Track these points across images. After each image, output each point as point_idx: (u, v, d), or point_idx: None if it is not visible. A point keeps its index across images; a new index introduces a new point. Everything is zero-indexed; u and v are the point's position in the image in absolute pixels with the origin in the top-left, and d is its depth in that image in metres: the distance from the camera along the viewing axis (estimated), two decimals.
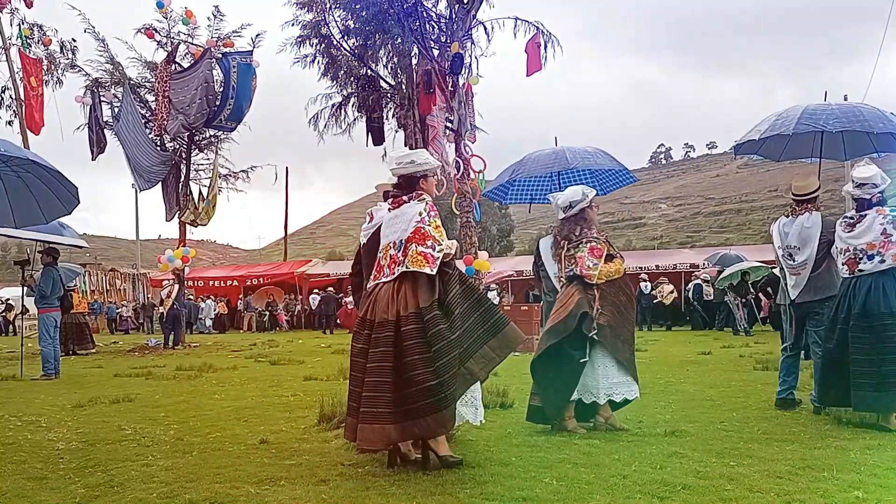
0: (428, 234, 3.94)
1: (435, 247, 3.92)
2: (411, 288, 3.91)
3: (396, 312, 3.87)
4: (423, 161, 4.18)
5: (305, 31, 15.78)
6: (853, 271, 4.98)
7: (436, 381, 3.68)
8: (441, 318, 3.82)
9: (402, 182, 4.20)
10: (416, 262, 3.89)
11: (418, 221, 3.98)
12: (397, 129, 15.77)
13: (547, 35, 14.13)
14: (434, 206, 4.10)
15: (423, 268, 3.87)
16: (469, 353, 3.87)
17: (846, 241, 5.05)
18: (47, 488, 3.67)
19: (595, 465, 3.88)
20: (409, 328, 3.80)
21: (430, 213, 4.01)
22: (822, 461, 3.86)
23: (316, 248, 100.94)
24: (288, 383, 8.23)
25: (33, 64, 17.96)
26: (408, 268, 3.90)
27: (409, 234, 3.96)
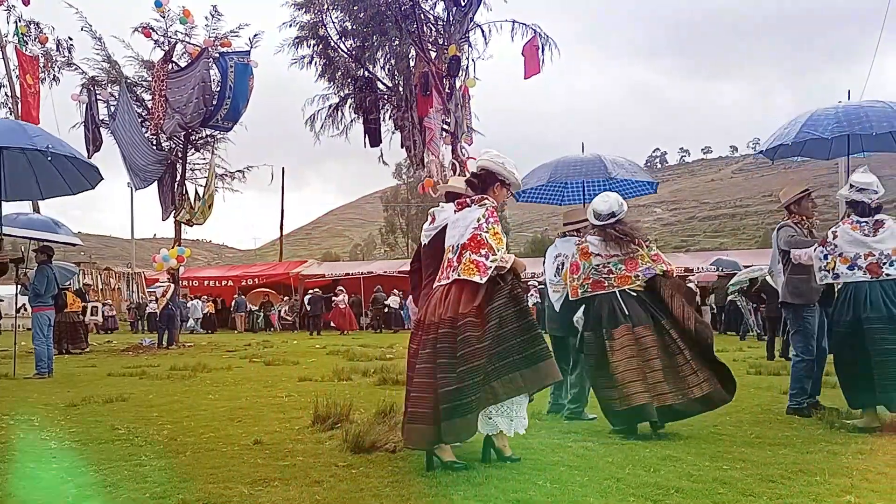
0: (483, 242, 3.95)
1: (489, 256, 3.92)
2: (458, 294, 3.95)
3: (440, 316, 3.92)
4: (511, 169, 4.20)
5: (303, 32, 15.79)
6: (878, 275, 4.94)
7: (455, 387, 3.72)
8: (473, 325, 3.83)
9: (478, 177, 4.20)
10: (468, 269, 3.92)
11: (475, 228, 3.99)
12: (394, 130, 15.78)
13: (544, 38, 14.16)
14: (495, 212, 4.11)
15: (473, 276, 3.89)
16: (498, 374, 3.86)
17: (869, 245, 5.00)
18: (39, 488, 3.65)
19: (589, 467, 3.89)
20: (444, 332, 3.86)
21: (488, 220, 4.02)
22: (814, 465, 3.88)
23: (311, 248, 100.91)
24: (282, 384, 8.22)
25: (30, 61, 17.93)
26: (459, 275, 3.94)
27: (465, 241, 3.98)
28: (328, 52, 15.84)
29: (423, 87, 13.73)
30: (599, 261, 5.12)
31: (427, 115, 13.71)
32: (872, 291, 4.95)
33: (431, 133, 13.70)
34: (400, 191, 54.60)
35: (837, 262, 5.09)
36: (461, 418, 3.70)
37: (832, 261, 5.13)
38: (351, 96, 16.18)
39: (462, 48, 14.12)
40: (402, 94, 15.11)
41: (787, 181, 5.93)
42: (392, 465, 3.97)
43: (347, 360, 11.41)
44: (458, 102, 14.09)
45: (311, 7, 15.53)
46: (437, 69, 13.80)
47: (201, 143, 18.50)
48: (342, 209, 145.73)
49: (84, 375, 9.86)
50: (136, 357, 13.30)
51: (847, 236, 5.09)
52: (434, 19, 14.50)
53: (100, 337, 21.08)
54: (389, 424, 4.72)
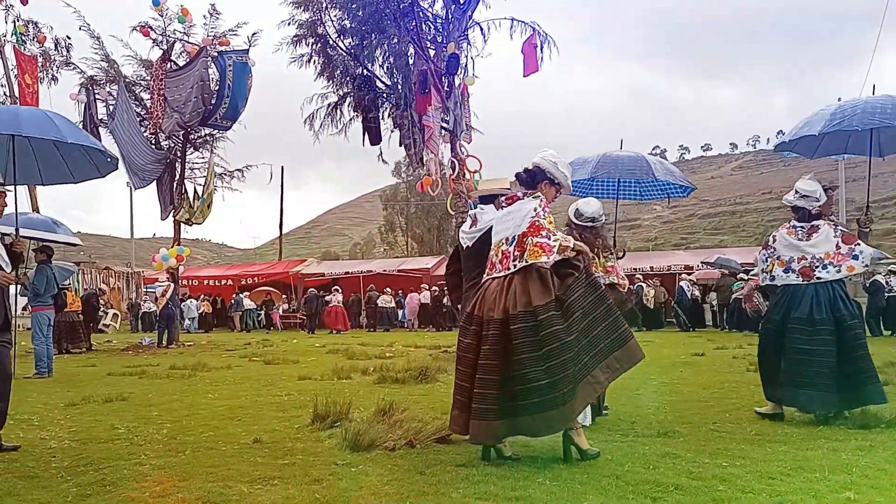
0: (542, 226, 3.99)
1: (550, 236, 3.96)
2: (522, 285, 3.93)
3: (505, 310, 3.90)
4: (563, 170, 4.26)
5: (302, 31, 15.77)
6: (809, 278, 5.26)
7: (546, 382, 3.73)
8: (558, 318, 3.83)
9: (529, 172, 4.24)
10: (534, 253, 3.93)
11: (533, 217, 4.02)
12: (393, 128, 15.76)
13: (543, 36, 14.14)
14: (548, 205, 4.15)
15: (540, 257, 3.90)
16: (597, 361, 3.91)
17: (802, 249, 5.32)
18: (39, 487, 3.66)
19: (588, 465, 3.89)
20: (518, 326, 3.82)
21: (544, 209, 4.07)
22: (813, 462, 3.88)
23: (311, 247, 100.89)
24: (282, 383, 8.22)
25: (28, 61, 17.90)
26: (526, 261, 3.94)
27: (525, 230, 4.00)
28: (327, 51, 15.81)
29: (422, 85, 13.72)
30: None
31: (426, 113, 13.69)
32: (804, 294, 5.23)
33: (430, 131, 13.68)
34: (399, 189, 54.57)
35: (775, 265, 5.40)
36: (557, 410, 3.73)
37: (770, 263, 5.45)
38: (350, 95, 16.16)
39: (461, 46, 14.10)
40: (400, 93, 15.09)
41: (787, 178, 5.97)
42: (391, 464, 3.98)
43: (347, 358, 11.41)
44: (457, 100, 14.08)
45: (309, 5, 15.51)
46: (436, 67, 13.79)
47: (200, 142, 18.49)
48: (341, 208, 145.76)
49: (84, 375, 9.86)
50: (136, 356, 13.30)
51: (784, 241, 5.41)
52: (433, 17, 14.48)
53: (99, 336, 21.07)
54: (389, 423, 4.73)
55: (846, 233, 5.30)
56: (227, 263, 58.35)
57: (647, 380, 7.81)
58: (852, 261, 5.19)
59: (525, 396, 3.75)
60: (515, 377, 3.79)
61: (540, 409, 3.73)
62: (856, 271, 5.20)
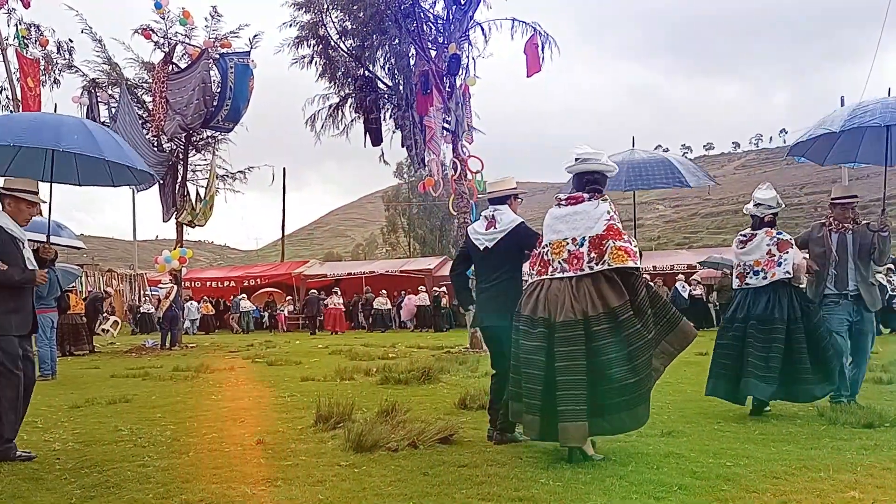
0: (621, 231, 4.03)
1: (631, 241, 4.02)
2: (595, 287, 3.97)
3: (583, 312, 3.93)
4: (613, 167, 4.34)
5: (303, 32, 15.75)
6: (742, 283, 5.75)
7: (634, 380, 3.83)
8: (635, 317, 3.91)
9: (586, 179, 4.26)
10: (619, 257, 3.95)
11: (608, 220, 4.05)
12: (395, 129, 15.75)
13: (544, 36, 14.12)
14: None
15: (626, 262, 3.94)
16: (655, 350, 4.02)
17: (737, 257, 5.80)
18: (43, 489, 3.66)
19: (592, 465, 3.88)
20: (602, 328, 3.88)
21: (616, 213, 4.11)
22: (818, 461, 3.87)
23: (313, 248, 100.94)
24: (285, 384, 8.22)
25: (30, 64, 17.94)
26: (609, 264, 3.96)
27: (602, 232, 4.02)
28: (328, 52, 15.81)
29: (424, 85, 13.71)
30: None
31: (427, 113, 13.69)
32: (743, 297, 5.73)
33: (432, 132, 13.67)
34: (401, 190, 54.57)
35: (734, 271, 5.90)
36: (641, 406, 3.88)
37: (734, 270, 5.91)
38: (351, 96, 16.15)
39: (462, 47, 14.09)
40: (402, 94, 15.07)
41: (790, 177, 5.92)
42: (394, 465, 3.97)
43: (350, 359, 11.41)
44: (459, 101, 14.06)
45: (310, 7, 15.51)
46: (438, 68, 13.78)
47: (202, 144, 18.51)
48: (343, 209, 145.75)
49: (87, 377, 9.87)
50: (140, 358, 13.32)
51: (734, 249, 5.91)
52: (434, 18, 14.46)
53: (102, 338, 21.10)
54: (392, 424, 4.72)
55: (782, 241, 5.63)
56: (229, 265, 58.40)
57: None
58: (776, 268, 5.58)
59: (614, 395, 3.85)
60: (603, 377, 3.86)
61: (628, 407, 3.86)
62: (777, 277, 5.54)
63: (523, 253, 4.64)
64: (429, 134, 13.65)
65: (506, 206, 4.70)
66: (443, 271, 25.39)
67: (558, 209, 4.29)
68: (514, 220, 4.63)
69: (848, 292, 5.70)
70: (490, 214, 4.72)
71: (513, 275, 4.65)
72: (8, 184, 4.65)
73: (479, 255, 4.73)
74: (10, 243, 4.39)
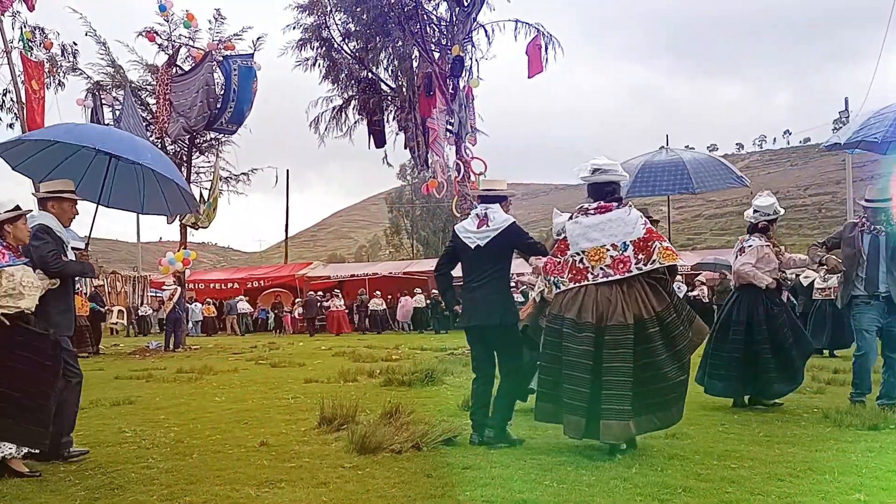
0: (657, 233, 4.34)
1: (669, 242, 4.31)
2: (642, 291, 4.23)
3: (634, 316, 4.16)
4: (626, 176, 4.61)
5: (306, 35, 15.78)
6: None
7: (684, 377, 4.18)
8: (678, 319, 4.22)
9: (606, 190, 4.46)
10: (668, 256, 4.24)
11: (644, 223, 4.32)
12: (398, 131, 15.76)
13: (547, 37, 14.12)
14: None
15: (676, 260, 4.26)
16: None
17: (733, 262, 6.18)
18: (47, 490, 3.67)
19: (595, 467, 3.88)
20: (653, 331, 4.14)
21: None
22: (823, 464, 3.86)
23: (317, 250, 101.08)
24: (288, 386, 8.22)
25: (35, 67, 17.97)
26: (661, 263, 4.22)
27: (643, 235, 4.28)
28: (332, 54, 15.82)
29: (427, 87, 13.71)
30: None
31: (431, 115, 13.69)
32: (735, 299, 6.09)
33: (435, 134, 13.67)
34: (404, 192, 54.60)
35: None
36: (683, 400, 4.21)
37: None
38: (355, 98, 16.16)
39: (465, 48, 14.09)
40: (405, 95, 15.08)
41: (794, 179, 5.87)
42: (398, 466, 3.97)
43: (353, 361, 11.41)
44: (462, 103, 14.06)
45: (314, 9, 15.53)
46: (441, 70, 13.78)
47: (206, 146, 18.55)
48: (347, 211, 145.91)
49: (91, 378, 9.87)
50: (143, 360, 13.34)
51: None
52: (437, 20, 14.47)
53: (106, 340, 21.13)
54: (395, 425, 4.71)
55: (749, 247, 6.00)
56: (233, 267, 58.51)
57: None
58: None
59: (665, 393, 4.13)
60: (655, 377, 4.12)
61: (676, 402, 4.20)
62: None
63: (513, 252, 4.72)
64: (432, 136, 13.65)
65: (497, 206, 4.69)
66: None
67: (587, 218, 4.44)
68: (506, 219, 4.63)
69: (879, 293, 5.58)
70: (482, 212, 4.69)
71: (502, 273, 4.66)
72: (48, 187, 4.69)
73: (468, 254, 4.68)
74: (59, 245, 4.44)
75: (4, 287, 3.98)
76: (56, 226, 4.50)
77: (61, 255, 4.38)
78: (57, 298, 4.37)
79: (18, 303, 3.99)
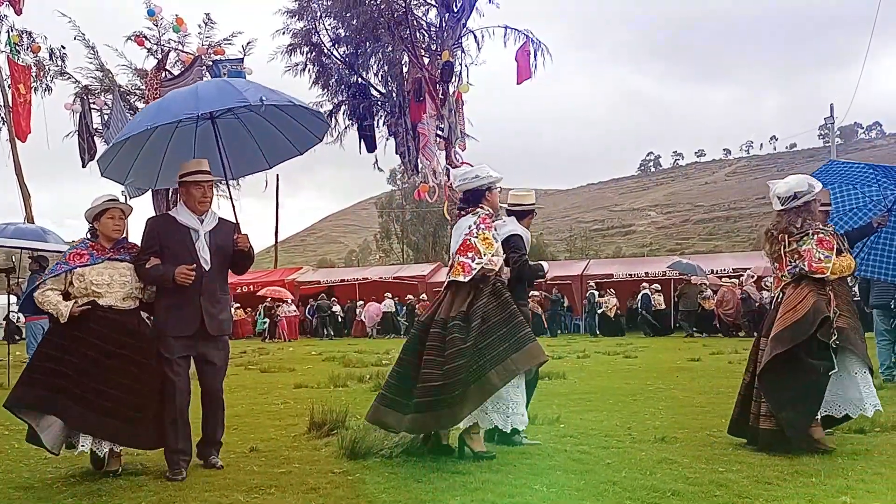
0: (471, 246, 4.27)
1: (475, 258, 4.24)
2: (451, 297, 4.29)
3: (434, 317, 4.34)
4: (485, 175, 4.48)
5: (296, 40, 15.80)
6: None
7: (440, 384, 4.04)
8: (460, 328, 4.12)
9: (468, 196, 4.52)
10: (455, 270, 4.28)
11: (466, 234, 4.31)
12: (388, 136, 15.79)
13: (536, 43, 14.21)
14: (487, 219, 4.38)
15: (458, 276, 4.24)
16: (492, 364, 4.07)
17: None
18: (35, 497, 3.64)
19: (585, 471, 3.89)
20: (434, 332, 4.22)
21: (479, 226, 4.32)
22: (810, 467, 3.89)
23: (307, 255, 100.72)
24: (278, 391, 8.19)
25: (22, 71, 17.86)
26: (449, 277, 4.30)
27: (458, 247, 4.32)
28: (321, 59, 15.85)
29: (417, 93, 13.76)
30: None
31: (421, 120, 13.73)
32: None
33: (425, 139, 13.72)
34: (394, 197, 54.59)
35: None
36: (447, 409, 4.01)
37: None
38: (345, 103, 16.17)
39: (455, 54, 14.15)
40: (395, 101, 15.13)
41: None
42: (388, 471, 3.97)
43: (343, 366, 11.38)
44: (452, 108, 14.12)
45: (304, 14, 15.56)
46: (431, 75, 13.84)
47: None
48: (337, 215, 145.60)
49: None
50: None
51: None
52: (427, 25, 14.54)
53: None
54: (385, 431, 4.71)
55: None
56: None
57: (643, 386, 7.82)
58: None
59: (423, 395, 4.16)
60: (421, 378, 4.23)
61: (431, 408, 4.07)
62: None
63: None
64: (423, 141, 13.69)
65: (512, 218, 4.83)
66: (436, 278, 25.38)
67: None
68: (510, 230, 4.74)
69: None
70: (498, 223, 4.80)
71: None
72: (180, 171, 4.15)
73: None
74: (178, 237, 4.04)
75: (77, 287, 3.96)
76: (183, 216, 4.10)
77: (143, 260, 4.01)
78: (165, 296, 4.07)
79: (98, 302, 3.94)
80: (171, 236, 4.07)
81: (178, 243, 4.05)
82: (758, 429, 4.36)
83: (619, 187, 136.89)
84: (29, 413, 3.83)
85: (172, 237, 4.06)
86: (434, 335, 4.18)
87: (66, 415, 3.79)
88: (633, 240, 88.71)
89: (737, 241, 78.22)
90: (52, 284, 3.99)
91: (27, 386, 3.85)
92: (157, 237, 4.07)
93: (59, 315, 3.89)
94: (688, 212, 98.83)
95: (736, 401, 4.67)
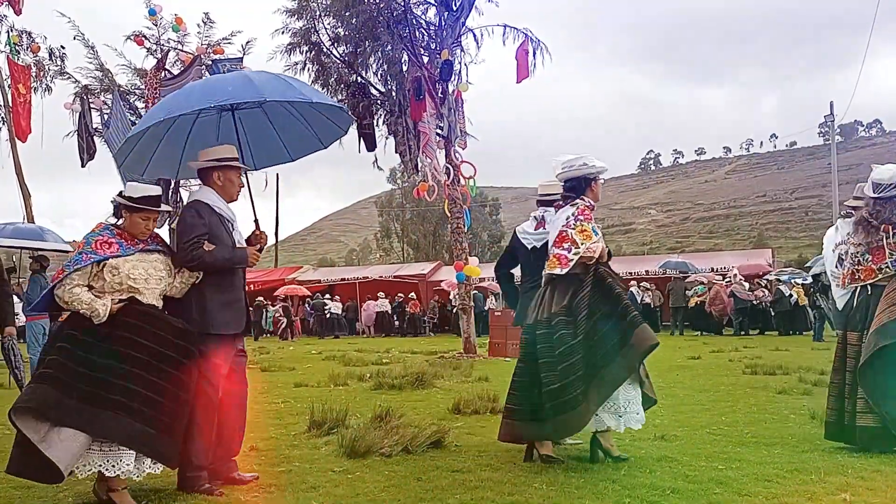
0: (567, 237, 4.13)
1: (571, 249, 4.09)
2: (551, 292, 4.15)
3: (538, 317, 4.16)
4: (591, 164, 4.34)
5: (295, 39, 15.78)
6: None
7: (558, 385, 3.85)
8: (566, 323, 3.97)
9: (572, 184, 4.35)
10: (551, 263, 4.16)
11: (564, 225, 4.19)
12: (388, 135, 15.78)
13: (536, 42, 14.19)
14: (587, 210, 4.21)
15: (555, 269, 4.11)
16: (610, 357, 3.89)
17: None
18: (35, 497, 3.65)
19: (585, 469, 3.90)
20: (540, 332, 4.07)
21: (577, 218, 4.16)
22: (810, 464, 3.90)
23: (307, 254, 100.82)
24: (278, 390, 8.19)
25: (21, 71, 17.87)
26: (546, 270, 4.19)
27: (555, 238, 4.20)
28: (321, 59, 15.83)
29: (417, 91, 13.75)
30: (844, 248, 4.53)
31: (421, 119, 13.72)
32: None
33: (426, 137, 13.71)
34: (394, 195, 54.60)
35: None
36: (572, 412, 3.82)
37: None
38: (344, 102, 16.16)
39: (454, 53, 14.14)
40: (395, 99, 15.11)
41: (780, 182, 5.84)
42: (388, 470, 3.97)
43: (343, 365, 11.39)
44: (452, 107, 14.11)
45: (303, 14, 15.54)
46: (430, 74, 13.82)
47: None
48: (337, 215, 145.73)
49: None
50: None
51: None
52: (426, 24, 14.52)
53: None
54: (385, 429, 4.71)
55: None
56: None
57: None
58: None
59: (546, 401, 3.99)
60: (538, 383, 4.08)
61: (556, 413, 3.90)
62: None
63: None
64: (423, 140, 13.68)
65: (552, 209, 4.72)
66: (436, 276, 25.38)
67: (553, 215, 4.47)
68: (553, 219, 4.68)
69: None
70: (540, 215, 4.81)
71: None
72: (209, 154, 3.86)
73: (526, 255, 4.83)
74: (218, 224, 3.73)
75: (109, 282, 3.40)
76: (217, 202, 3.77)
77: (200, 244, 3.59)
78: (214, 289, 3.68)
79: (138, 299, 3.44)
80: (215, 223, 3.73)
81: (222, 231, 3.74)
82: (854, 427, 4.25)
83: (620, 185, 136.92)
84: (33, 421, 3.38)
85: (217, 224, 3.73)
86: (542, 336, 4.01)
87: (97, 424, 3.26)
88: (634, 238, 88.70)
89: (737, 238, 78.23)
90: (78, 279, 3.40)
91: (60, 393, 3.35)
92: (206, 223, 3.69)
93: (93, 314, 3.33)
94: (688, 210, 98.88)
95: (827, 403, 4.49)
